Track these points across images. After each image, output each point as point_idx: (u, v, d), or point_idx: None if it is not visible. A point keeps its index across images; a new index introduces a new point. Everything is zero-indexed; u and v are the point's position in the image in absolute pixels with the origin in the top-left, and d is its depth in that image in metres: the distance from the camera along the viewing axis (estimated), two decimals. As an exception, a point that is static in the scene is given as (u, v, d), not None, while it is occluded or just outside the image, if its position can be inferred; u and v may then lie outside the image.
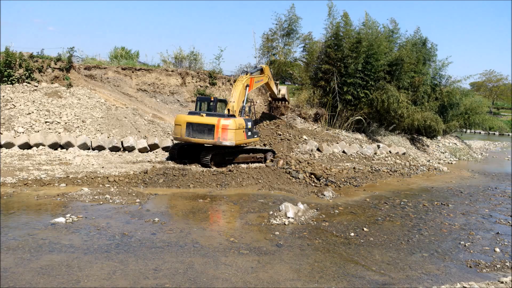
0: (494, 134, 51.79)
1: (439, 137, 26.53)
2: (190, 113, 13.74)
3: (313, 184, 12.24)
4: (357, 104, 21.09)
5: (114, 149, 14.45)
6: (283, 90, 20.03)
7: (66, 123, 14.99)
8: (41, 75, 17.58)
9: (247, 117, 14.36)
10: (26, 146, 13.57)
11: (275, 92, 19.36)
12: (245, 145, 14.08)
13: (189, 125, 12.97)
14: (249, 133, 13.83)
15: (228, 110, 13.63)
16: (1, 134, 13.61)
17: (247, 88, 14.71)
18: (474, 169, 19.17)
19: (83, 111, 15.84)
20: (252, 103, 16.89)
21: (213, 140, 12.62)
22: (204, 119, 12.93)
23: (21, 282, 5.32)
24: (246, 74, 14.97)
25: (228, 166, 13.01)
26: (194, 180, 11.33)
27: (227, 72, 24.73)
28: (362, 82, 20.69)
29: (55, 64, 18.05)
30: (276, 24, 23.16)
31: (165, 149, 15.22)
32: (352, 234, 8.11)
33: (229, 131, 12.55)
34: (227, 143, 12.56)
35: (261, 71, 16.51)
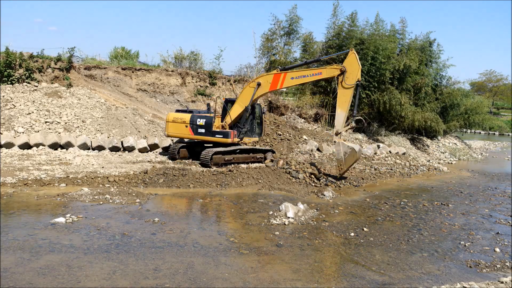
0: (494, 134, 51.78)
1: (439, 137, 26.52)
2: (177, 111, 14.79)
3: (313, 184, 12.24)
4: (358, 104, 21.06)
5: (114, 149, 14.45)
6: (340, 145, 14.59)
7: (66, 123, 15.00)
8: (41, 75, 17.59)
9: (208, 115, 13.93)
10: (26, 146, 13.57)
11: (336, 119, 12.82)
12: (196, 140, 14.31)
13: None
14: (202, 130, 13.70)
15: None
16: (1, 134, 13.61)
17: (258, 87, 13.43)
18: (474, 169, 19.17)
19: (83, 111, 15.84)
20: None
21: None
22: (181, 115, 14.10)
23: (21, 282, 5.32)
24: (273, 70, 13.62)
25: (228, 166, 13.01)
26: (194, 180, 11.33)
27: (227, 72, 24.76)
28: (365, 83, 20.68)
29: (55, 64, 18.06)
30: (274, 24, 23.18)
31: (165, 149, 15.22)
32: (352, 234, 8.11)
33: (166, 124, 14.18)
34: (165, 134, 14.35)
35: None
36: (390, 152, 19.08)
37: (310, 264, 6.54)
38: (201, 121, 13.74)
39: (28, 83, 16.84)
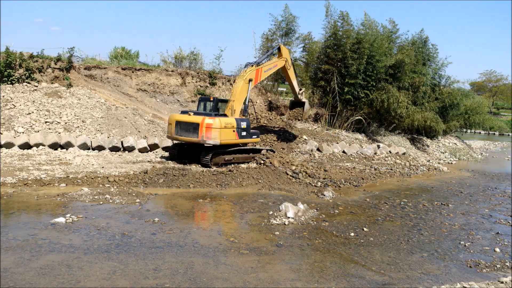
0: (494, 134, 51.80)
1: (439, 137, 26.53)
2: (182, 112, 14.01)
3: (313, 184, 12.24)
4: (357, 104, 21.08)
5: (114, 149, 14.45)
6: (306, 102, 18.75)
7: (66, 123, 15.00)
8: (41, 75, 17.59)
9: (243, 117, 13.96)
10: (26, 146, 13.57)
11: (294, 87, 17.29)
12: (241, 145, 13.91)
13: (178, 123, 13.16)
14: (244, 133, 13.61)
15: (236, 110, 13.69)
16: (1, 134, 13.61)
17: (251, 82, 14.04)
18: (474, 169, 19.17)
19: (83, 111, 15.84)
20: (252, 104, 16.76)
21: (197, 138, 12.69)
22: (191, 117, 13.06)
23: (21, 282, 5.32)
24: (252, 65, 14.23)
25: (228, 166, 13.01)
26: (194, 180, 11.32)
27: (227, 72, 24.78)
28: (363, 82, 20.67)
29: (55, 64, 18.06)
30: (274, 24, 23.19)
31: (165, 149, 15.22)
32: (352, 234, 8.11)
33: (213, 130, 12.55)
34: (210, 142, 12.61)
35: (278, 51, 15.66)
36: (390, 152, 19.09)
37: (310, 264, 6.54)
38: (244, 124, 13.79)
39: (28, 83, 16.84)
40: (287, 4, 39.08)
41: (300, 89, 18.06)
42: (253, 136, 14.21)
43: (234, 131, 13.22)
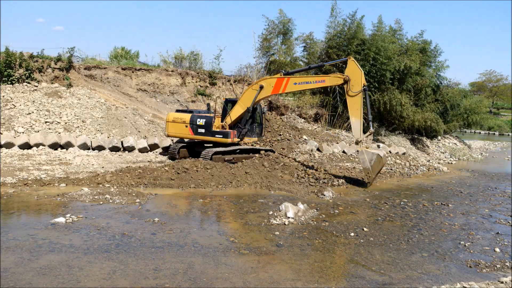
0: (494, 134, 51.80)
1: (439, 137, 26.53)
2: (177, 111, 14.92)
3: (313, 184, 12.24)
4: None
5: (114, 149, 14.46)
6: (366, 153, 12.39)
7: (66, 123, 15.00)
8: (41, 75, 17.59)
9: (208, 115, 14.05)
10: (26, 146, 13.57)
11: (352, 128, 12.71)
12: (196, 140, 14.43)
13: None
14: (201, 130, 13.81)
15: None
16: (1, 134, 13.61)
17: (260, 89, 13.37)
18: (474, 169, 19.17)
19: (83, 111, 15.84)
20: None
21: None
22: (180, 115, 14.22)
23: (21, 282, 5.32)
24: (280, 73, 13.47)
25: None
26: (194, 180, 11.32)
27: (227, 72, 24.76)
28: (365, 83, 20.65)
29: (55, 64, 18.06)
30: (268, 26, 23.29)
31: (165, 149, 15.22)
32: (352, 234, 8.11)
33: (166, 124, 14.30)
34: (165, 133, 14.60)
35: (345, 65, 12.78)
36: (390, 152, 19.08)
37: (310, 264, 6.54)
38: (201, 121, 13.78)
39: (28, 83, 16.85)
40: (282, 10, 39.33)
41: (363, 135, 12.58)
42: (216, 136, 13.70)
43: (186, 126, 14.04)
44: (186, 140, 14.87)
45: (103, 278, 5.56)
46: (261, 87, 13.42)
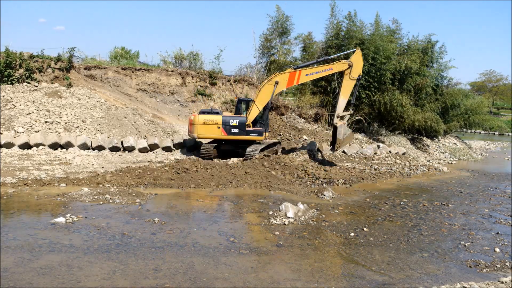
0: (494, 134, 51.77)
1: (439, 137, 26.50)
2: (202, 112, 15.19)
3: (313, 184, 12.24)
4: (358, 105, 21.07)
5: (114, 149, 14.46)
6: (342, 127, 14.58)
7: (66, 123, 15.00)
8: (41, 75, 17.59)
9: (241, 116, 14.77)
10: (26, 146, 13.57)
11: (338, 105, 14.48)
12: (254, 141, 14.76)
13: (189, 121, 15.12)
14: (235, 130, 14.45)
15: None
16: (1, 134, 13.62)
17: (276, 85, 14.04)
18: (474, 169, 19.16)
19: (83, 111, 15.84)
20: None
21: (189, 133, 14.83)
22: (211, 117, 14.59)
23: (21, 282, 5.32)
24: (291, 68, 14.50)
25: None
26: (194, 180, 11.33)
27: (227, 72, 24.75)
28: (365, 83, 20.66)
29: (55, 64, 18.07)
30: (272, 25, 23.25)
31: (165, 149, 15.22)
32: (352, 234, 8.11)
33: (193, 126, 14.49)
34: (191, 136, 14.80)
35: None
36: (390, 152, 19.07)
37: (310, 264, 6.54)
38: (234, 122, 14.52)
39: (28, 83, 16.85)
40: (278, 5, 39.41)
41: (344, 113, 14.70)
42: (250, 134, 14.67)
43: (219, 127, 14.45)
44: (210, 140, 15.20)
45: (103, 278, 5.57)
46: (277, 83, 14.20)
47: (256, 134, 14.65)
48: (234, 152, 14.84)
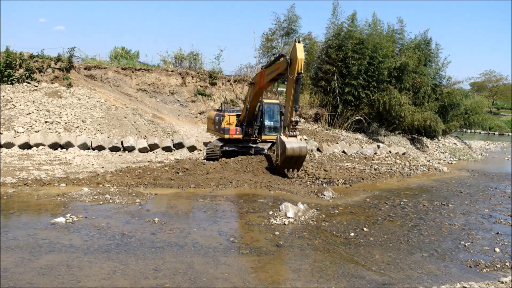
0: (494, 134, 51.76)
1: (439, 137, 26.50)
2: (217, 110, 15.62)
3: (313, 184, 12.24)
4: (358, 105, 21.08)
5: (114, 149, 14.46)
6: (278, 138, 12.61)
7: (66, 123, 15.00)
8: (41, 75, 17.60)
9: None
10: (26, 146, 13.57)
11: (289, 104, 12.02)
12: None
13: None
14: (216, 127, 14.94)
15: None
16: (1, 134, 13.61)
17: (251, 85, 14.13)
18: (474, 169, 19.16)
19: (83, 111, 15.84)
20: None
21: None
22: (227, 115, 14.69)
23: (21, 282, 5.32)
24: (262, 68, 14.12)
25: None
26: (194, 180, 11.33)
27: (227, 72, 24.78)
28: (364, 83, 20.67)
29: (55, 64, 18.07)
30: (275, 24, 23.19)
31: (165, 149, 15.22)
32: (352, 234, 8.11)
33: (225, 126, 14.52)
34: (224, 135, 14.59)
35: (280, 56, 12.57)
36: (390, 152, 19.08)
37: (310, 264, 6.54)
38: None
39: (28, 83, 16.85)
40: (294, 4, 39.27)
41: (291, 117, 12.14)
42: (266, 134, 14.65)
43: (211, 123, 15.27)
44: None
45: (103, 278, 5.56)
46: (252, 83, 13.97)
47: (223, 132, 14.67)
48: (235, 152, 14.85)
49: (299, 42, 11.75)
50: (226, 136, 14.36)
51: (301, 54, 11.59)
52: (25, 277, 5.45)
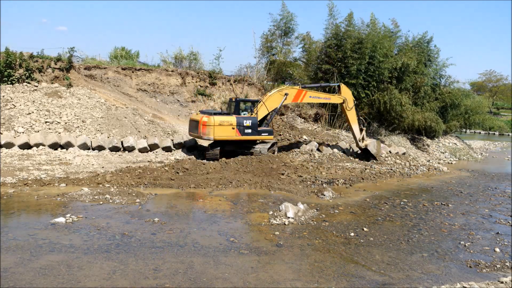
0: (494, 134, 51.74)
1: (439, 137, 26.50)
2: (201, 112, 15.18)
3: (313, 184, 12.24)
4: (358, 105, 21.07)
5: (114, 149, 14.45)
6: (370, 144, 16.76)
7: (66, 123, 14.99)
8: (41, 75, 17.59)
9: (251, 115, 14.93)
10: (26, 146, 13.57)
11: (354, 132, 16.60)
12: (256, 140, 14.99)
13: (190, 121, 14.99)
14: (248, 131, 14.58)
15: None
16: (1, 134, 13.61)
17: (286, 96, 15.06)
18: (474, 169, 19.16)
19: (83, 111, 15.83)
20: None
21: (197, 134, 14.28)
22: (196, 116, 14.49)
23: (21, 282, 5.33)
24: (298, 85, 15.75)
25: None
26: (194, 180, 11.33)
27: (227, 72, 24.76)
28: (364, 82, 20.66)
29: (55, 64, 18.05)
30: (274, 25, 23.22)
31: (165, 149, 15.21)
32: (352, 234, 8.11)
33: (208, 127, 13.98)
34: (206, 137, 14.11)
35: (338, 89, 16.10)
36: (390, 152, 19.07)
37: (310, 264, 6.54)
38: (247, 122, 14.66)
39: (28, 83, 16.84)
40: (284, 3, 39.28)
41: (362, 134, 16.77)
42: (262, 134, 15.01)
43: (233, 128, 14.24)
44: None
45: (103, 278, 5.57)
46: (286, 94, 15.13)
47: (267, 134, 15.12)
48: (235, 152, 14.84)
49: (342, 84, 16.31)
50: (273, 137, 15.36)
51: (349, 91, 16.43)
52: (25, 277, 5.45)
